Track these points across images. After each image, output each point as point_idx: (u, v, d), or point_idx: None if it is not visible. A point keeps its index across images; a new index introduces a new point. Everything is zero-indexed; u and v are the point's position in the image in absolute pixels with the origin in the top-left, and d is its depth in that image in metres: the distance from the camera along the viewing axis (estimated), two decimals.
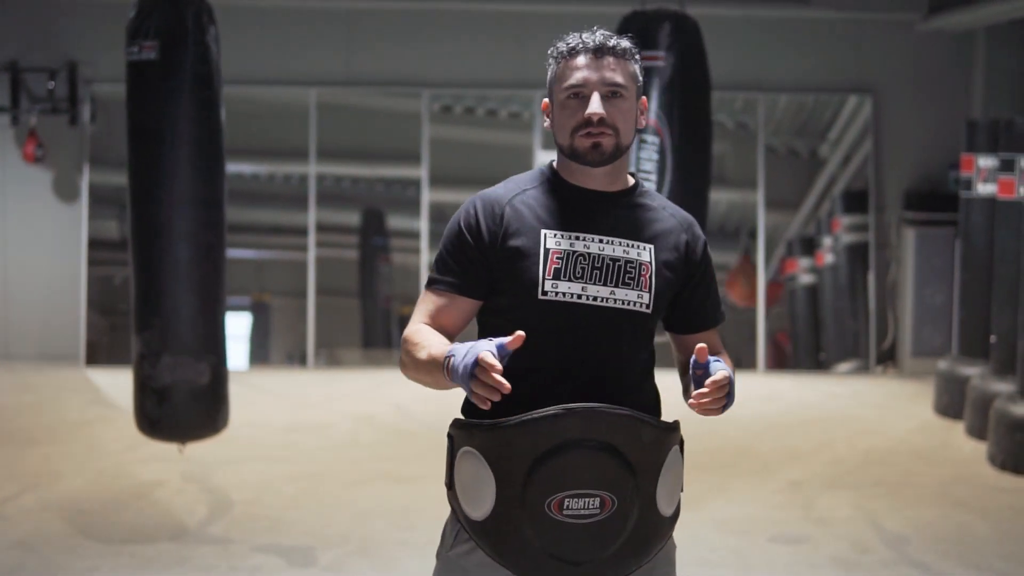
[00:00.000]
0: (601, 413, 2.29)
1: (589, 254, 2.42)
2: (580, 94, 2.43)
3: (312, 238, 9.42)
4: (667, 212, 2.54)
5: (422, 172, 9.43)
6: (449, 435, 2.44)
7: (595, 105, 2.41)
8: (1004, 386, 6.87)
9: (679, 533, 5.49)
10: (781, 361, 9.60)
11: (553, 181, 2.51)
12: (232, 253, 9.41)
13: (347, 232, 9.65)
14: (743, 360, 9.50)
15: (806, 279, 9.66)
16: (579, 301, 2.40)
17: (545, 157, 9.36)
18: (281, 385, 8.59)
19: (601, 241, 2.44)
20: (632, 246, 2.46)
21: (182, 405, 4.94)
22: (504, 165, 9.61)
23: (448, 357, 2.28)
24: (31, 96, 9.18)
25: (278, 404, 8.00)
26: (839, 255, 9.60)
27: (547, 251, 2.42)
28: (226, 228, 5.08)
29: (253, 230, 9.56)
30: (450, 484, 2.44)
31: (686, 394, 2.50)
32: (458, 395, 2.36)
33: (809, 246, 9.66)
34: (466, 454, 2.38)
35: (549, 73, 2.52)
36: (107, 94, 9.18)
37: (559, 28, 2.55)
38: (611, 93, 2.43)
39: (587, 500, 2.29)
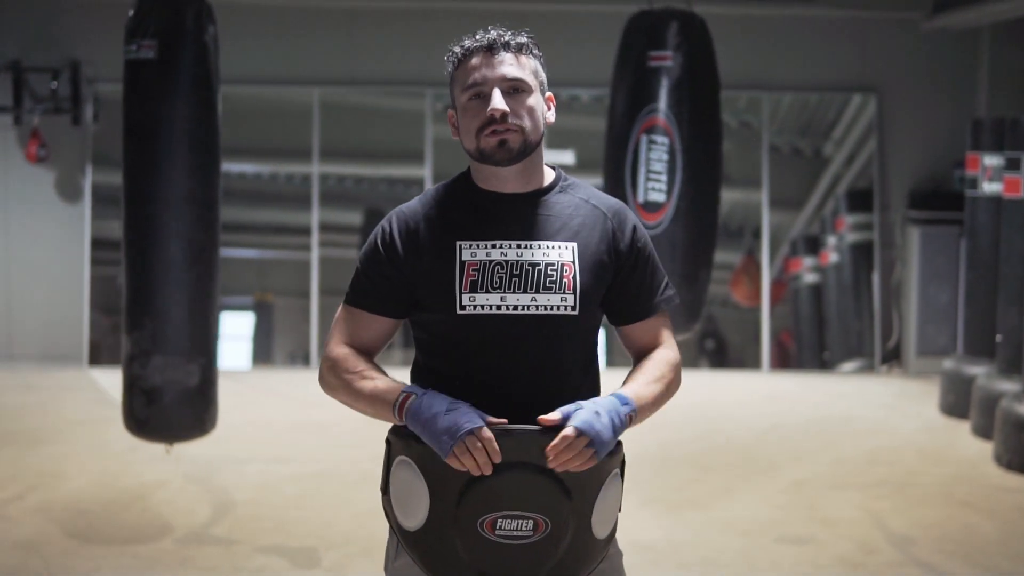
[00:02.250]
0: (539, 436, 2.25)
1: (506, 262, 2.36)
2: (480, 94, 2.38)
3: (315, 238, 9.41)
4: (590, 204, 2.46)
5: (425, 172, 9.42)
6: (387, 440, 2.41)
7: (496, 101, 2.35)
8: (1010, 385, 6.85)
9: (684, 533, 5.49)
10: (785, 361, 9.57)
11: (467, 189, 2.45)
12: (235, 253, 9.49)
13: (350, 232, 9.63)
14: (747, 360, 9.49)
15: (810, 278, 9.64)
16: (499, 312, 2.35)
17: (549, 156, 9.33)
18: (284, 385, 8.58)
19: (519, 246, 2.38)
20: (552, 247, 2.39)
21: (170, 406, 4.91)
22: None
23: (405, 397, 2.30)
24: (34, 96, 9.17)
25: (281, 404, 7.99)
26: (843, 254, 9.57)
27: (463, 263, 2.37)
28: (220, 229, 5.06)
29: (256, 230, 9.55)
30: (385, 489, 2.42)
31: None
32: None
33: (813, 245, 9.64)
34: (402, 463, 2.35)
35: (449, 80, 2.46)
36: (110, 94, 9.17)
37: (563, 27, 2.54)
38: (512, 89, 2.38)
39: (520, 522, 2.26)
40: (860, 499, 5.92)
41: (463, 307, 2.35)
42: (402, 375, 2.46)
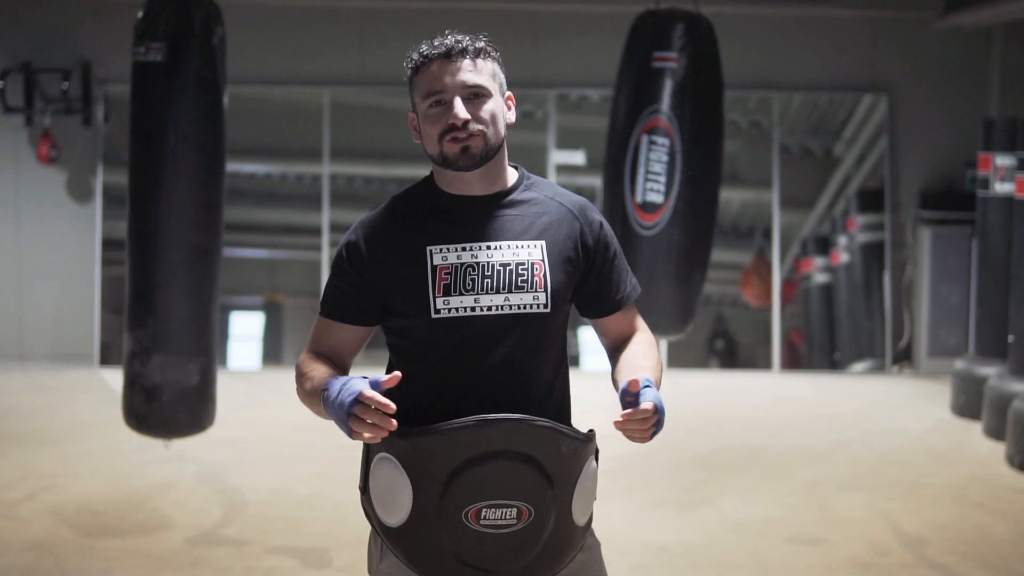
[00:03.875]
0: (522, 424, 2.28)
1: (477, 263, 2.39)
2: (441, 100, 2.40)
3: (326, 238, 9.41)
4: (556, 201, 2.49)
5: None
6: None
7: (458, 108, 2.37)
8: (1022, 386, 6.83)
9: (694, 535, 5.48)
10: (796, 361, 9.56)
11: (432, 194, 2.47)
12: (245, 253, 9.49)
13: None
14: (758, 360, 9.47)
15: (821, 278, 9.63)
16: (473, 314, 2.37)
17: (559, 156, 9.34)
18: (294, 385, 8.57)
19: (488, 248, 2.40)
20: (521, 247, 2.41)
21: (169, 404, 4.94)
22: (518, 165, 9.59)
23: (324, 391, 2.33)
24: (45, 97, 9.18)
25: (291, 404, 7.96)
26: (854, 254, 9.56)
27: (434, 268, 2.39)
28: (223, 231, 5.07)
29: (266, 230, 9.56)
30: (364, 488, 2.45)
31: (615, 382, 2.48)
32: None
33: (824, 245, 9.62)
34: (382, 460, 2.38)
35: (408, 86, 2.47)
36: (121, 94, 9.18)
37: (572, 27, 2.54)
38: (472, 95, 2.39)
39: (504, 510, 2.28)
40: (872, 500, 5.91)
41: (438, 311, 2.37)
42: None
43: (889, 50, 9.49)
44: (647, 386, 2.31)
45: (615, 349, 2.57)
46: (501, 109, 2.44)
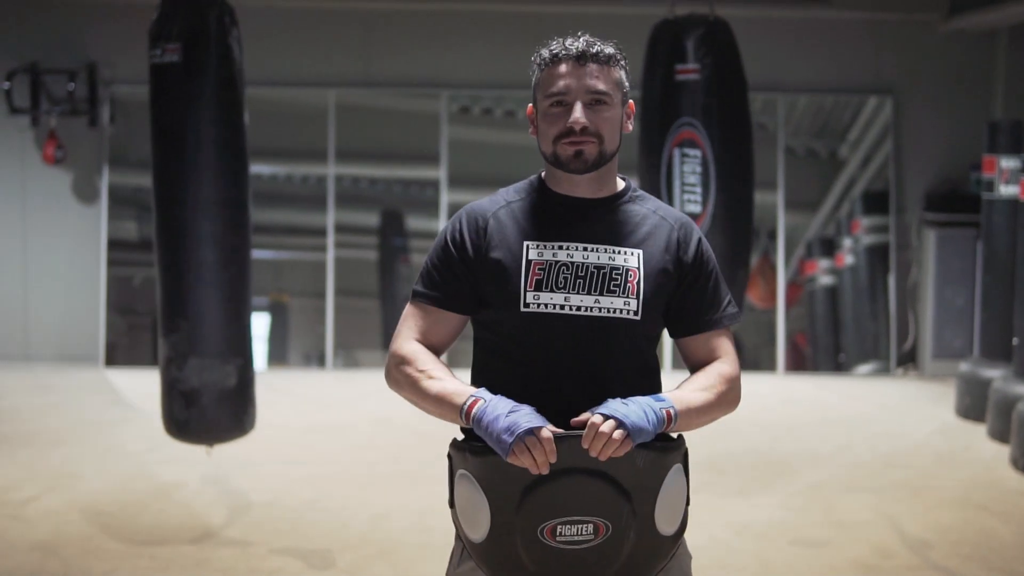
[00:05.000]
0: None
1: (572, 263, 2.40)
2: (563, 102, 2.41)
3: (331, 239, 9.42)
4: (658, 215, 2.50)
5: (441, 173, 9.43)
6: (448, 455, 2.44)
7: (578, 113, 2.39)
8: None
9: (698, 537, 5.46)
10: (800, 363, 9.56)
11: (539, 191, 2.50)
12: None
13: (366, 233, 9.65)
14: (762, 362, 9.47)
15: (826, 280, 9.63)
16: (562, 312, 2.38)
17: None
18: (299, 386, 8.60)
19: (585, 249, 2.42)
20: (618, 252, 2.43)
21: (210, 407, 4.94)
22: (523, 166, 9.57)
23: (473, 401, 2.31)
24: (51, 98, 9.20)
25: (296, 405, 8.00)
26: (859, 256, 9.56)
27: (529, 262, 2.41)
28: (251, 229, 5.08)
29: (272, 231, 9.57)
30: (452, 503, 2.45)
31: None
32: None
33: (829, 247, 9.63)
34: (462, 477, 2.39)
35: (533, 80, 2.49)
36: (126, 95, 9.20)
37: (579, 29, 2.54)
38: (594, 101, 2.41)
39: (580, 527, 2.28)
40: (876, 502, 5.91)
41: (527, 305, 2.39)
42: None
43: (894, 52, 9.49)
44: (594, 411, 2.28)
45: (692, 373, 2.53)
46: (620, 118, 2.46)
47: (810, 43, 9.49)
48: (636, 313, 2.40)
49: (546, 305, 2.38)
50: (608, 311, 2.39)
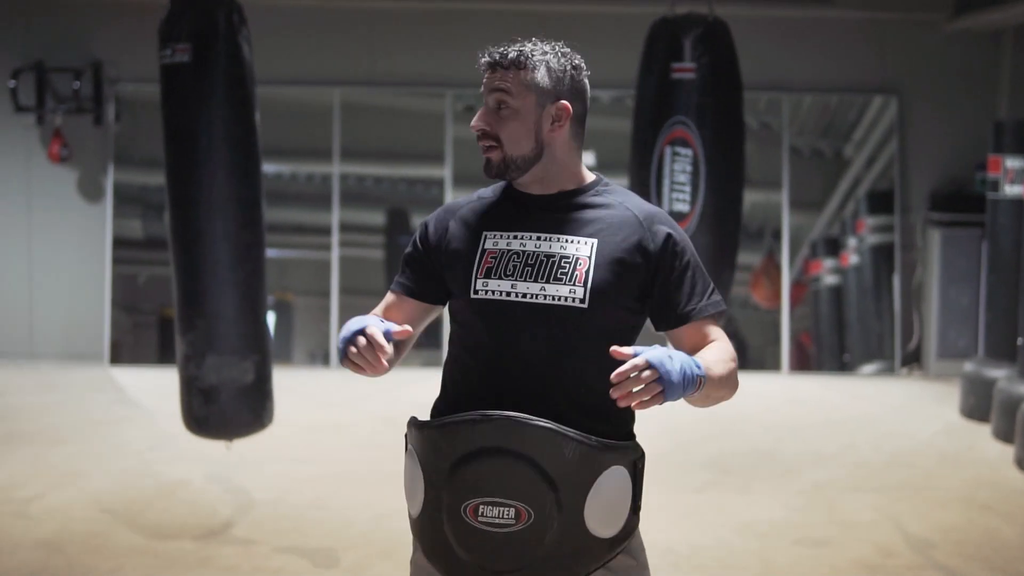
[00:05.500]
0: (519, 423, 2.28)
1: (524, 251, 2.44)
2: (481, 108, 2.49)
3: (335, 238, 9.43)
4: (624, 207, 2.48)
5: (446, 172, 9.43)
6: (405, 433, 2.51)
7: (475, 117, 2.47)
8: None
9: (701, 536, 5.47)
10: (805, 363, 9.56)
11: (507, 188, 2.54)
12: None
13: (371, 232, 9.65)
14: (767, 361, 9.47)
15: (830, 280, 9.62)
16: (508, 298, 2.41)
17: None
18: (304, 385, 8.60)
19: (538, 239, 2.45)
20: (571, 241, 2.43)
21: (228, 404, 4.98)
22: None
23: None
24: (56, 96, 9.22)
25: (301, 404, 8.00)
26: (864, 256, 9.55)
27: (483, 251, 2.46)
28: (265, 226, 5.10)
29: (276, 229, 9.57)
30: (404, 482, 2.50)
31: None
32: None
33: (834, 247, 9.62)
34: (408, 453, 2.46)
35: None
36: (132, 94, 9.21)
37: (582, 28, 2.56)
38: (498, 104, 2.44)
39: (502, 509, 2.29)
40: (879, 502, 5.91)
41: (476, 291, 2.43)
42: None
43: (899, 52, 9.49)
44: (639, 353, 2.21)
45: None
46: (531, 121, 2.43)
47: (815, 43, 9.48)
48: (582, 301, 2.38)
49: (493, 292, 2.42)
50: (553, 298, 2.39)
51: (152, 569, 4.87)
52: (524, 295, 2.41)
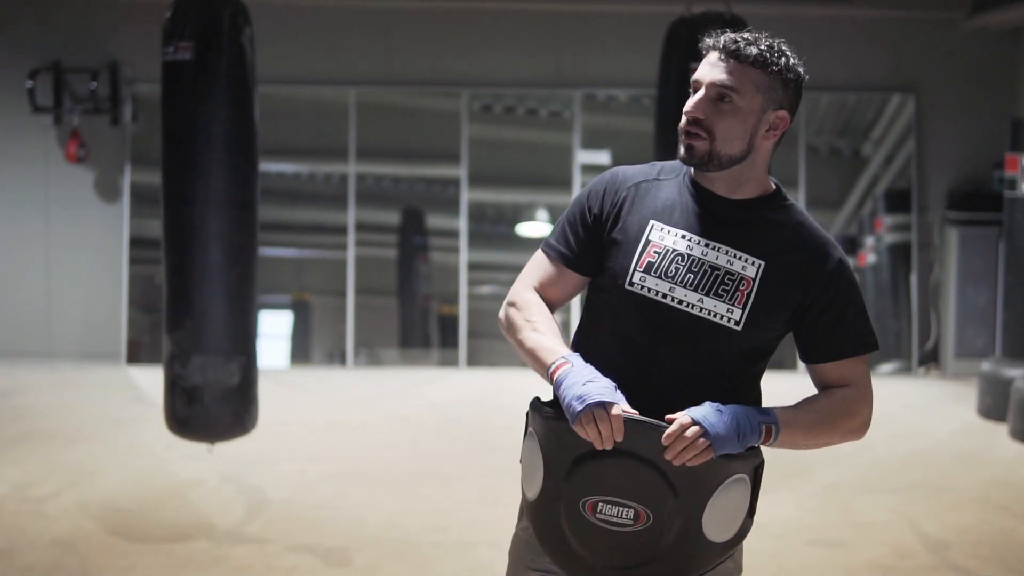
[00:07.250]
0: (648, 427, 2.23)
1: (689, 256, 2.34)
2: (695, 88, 2.37)
3: (352, 237, 9.44)
4: (797, 231, 2.38)
5: (461, 171, 9.43)
6: (526, 413, 2.45)
7: (690, 103, 2.35)
8: None
9: None
10: None
11: (684, 174, 2.44)
12: (272, 252, 9.53)
13: (387, 231, 9.66)
14: (785, 361, 9.44)
15: None
16: (662, 300, 2.33)
17: (585, 156, 9.33)
18: (321, 384, 8.62)
19: (707, 245, 2.35)
20: (738, 257, 2.34)
21: (211, 405, 4.96)
22: (544, 165, 9.59)
23: (560, 363, 2.30)
24: (73, 96, 9.25)
25: (317, 403, 8.02)
26: (881, 255, 9.52)
27: (647, 242, 2.36)
28: (258, 229, 5.09)
29: (293, 229, 9.60)
30: (521, 459, 2.48)
31: None
32: (494, 398, 2.35)
33: (851, 246, 9.59)
34: (530, 435, 2.41)
35: None
36: (149, 94, 9.24)
37: (599, 27, 2.54)
38: (719, 96, 2.33)
39: (621, 509, 2.26)
40: (895, 502, 5.89)
41: (631, 284, 2.35)
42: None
43: (917, 50, 9.45)
44: (687, 411, 2.23)
45: None
46: (750, 122, 2.34)
47: (832, 41, 9.45)
48: (738, 324, 2.32)
49: (649, 290, 2.34)
50: (709, 313, 2.32)
51: (166, 568, 4.88)
52: (681, 302, 2.33)
